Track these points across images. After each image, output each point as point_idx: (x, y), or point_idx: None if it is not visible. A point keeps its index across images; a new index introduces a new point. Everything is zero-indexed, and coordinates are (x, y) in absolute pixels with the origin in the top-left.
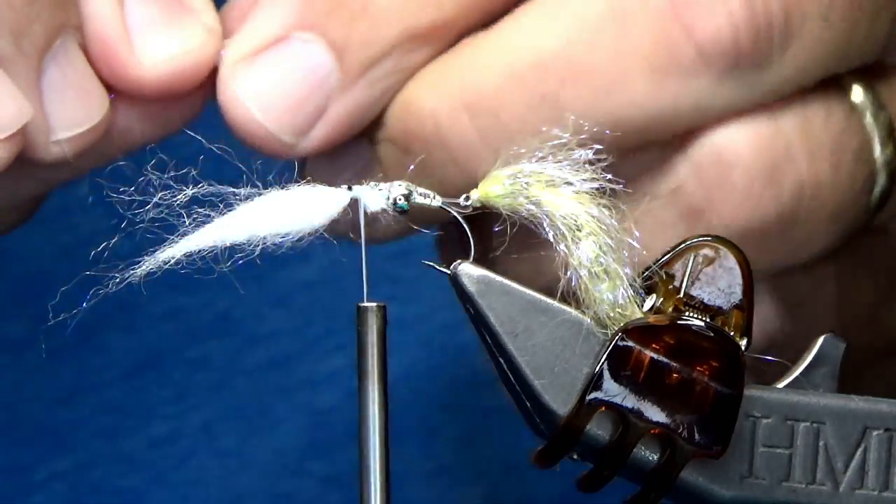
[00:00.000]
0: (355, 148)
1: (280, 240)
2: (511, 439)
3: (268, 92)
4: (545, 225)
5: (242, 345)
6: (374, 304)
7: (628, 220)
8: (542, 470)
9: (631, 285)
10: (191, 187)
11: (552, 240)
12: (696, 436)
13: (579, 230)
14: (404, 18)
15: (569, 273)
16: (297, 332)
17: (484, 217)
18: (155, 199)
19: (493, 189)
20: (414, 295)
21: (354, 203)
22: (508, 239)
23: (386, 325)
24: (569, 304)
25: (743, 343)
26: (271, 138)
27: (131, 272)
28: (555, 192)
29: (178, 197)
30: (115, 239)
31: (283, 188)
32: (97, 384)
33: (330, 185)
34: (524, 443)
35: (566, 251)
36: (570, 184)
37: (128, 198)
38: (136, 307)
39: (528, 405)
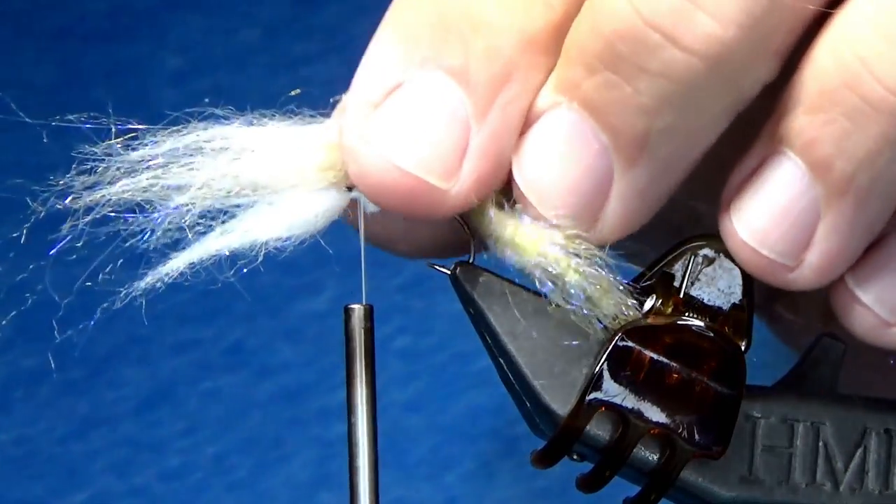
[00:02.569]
0: None
1: (282, 244)
2: (526, 470)
3: (401, 138)
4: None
5: (254, 377)
6: (359, 306)
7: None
8: (542, 470)
9: (629, 291)
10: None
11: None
12: (696, 436)
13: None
14: (518, 24)
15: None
16: (308, 363)
17: None
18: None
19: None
20: (426, 326)
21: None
22: None
23: (373, 327)
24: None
25: (743, 343)
26: (420, 186)
27: (134, 287)
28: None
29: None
30: (114, 249)
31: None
32: (110, 417)
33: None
34: (539, 473)
35: (552, 295)
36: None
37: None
38: (148, 340)
39: (528, 405)
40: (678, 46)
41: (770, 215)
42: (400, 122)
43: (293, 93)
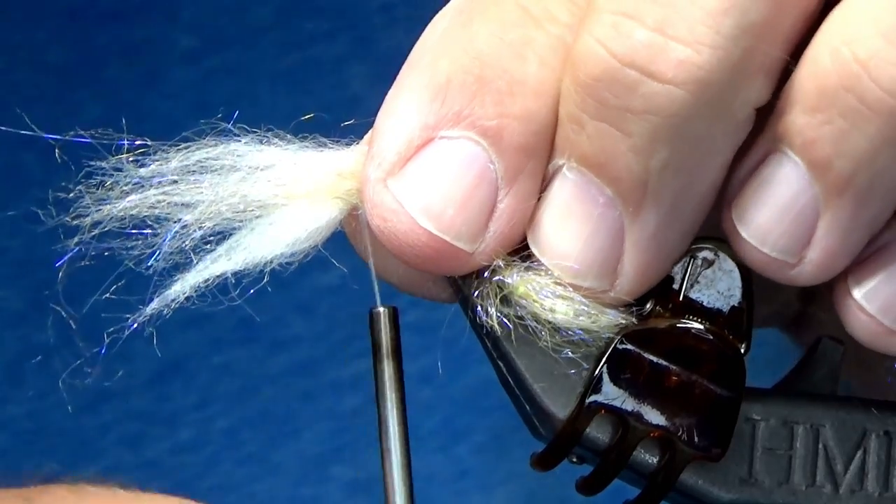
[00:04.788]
0: None
1: (288, 259)
2: (537, 443)
3: (431, 199)
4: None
5: (266, 351)
6: (384, 308)
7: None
8: (543, 472)
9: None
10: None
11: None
12: (696, 439)
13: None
14: (554, 87)
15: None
16: (320, 337)
17: None
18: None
19: None
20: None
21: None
22: None
23: (399, 329)
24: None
25: (742, 346)
26: (446, 248)
27: (142, 313)
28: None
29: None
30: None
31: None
32: (122, 391)
33: None
34: None
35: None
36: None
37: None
38: (160, 314)
39: (528, 409)
40: (656, 79)
41: (771, 214)
42: (430, 182)
43: (305, 118)
